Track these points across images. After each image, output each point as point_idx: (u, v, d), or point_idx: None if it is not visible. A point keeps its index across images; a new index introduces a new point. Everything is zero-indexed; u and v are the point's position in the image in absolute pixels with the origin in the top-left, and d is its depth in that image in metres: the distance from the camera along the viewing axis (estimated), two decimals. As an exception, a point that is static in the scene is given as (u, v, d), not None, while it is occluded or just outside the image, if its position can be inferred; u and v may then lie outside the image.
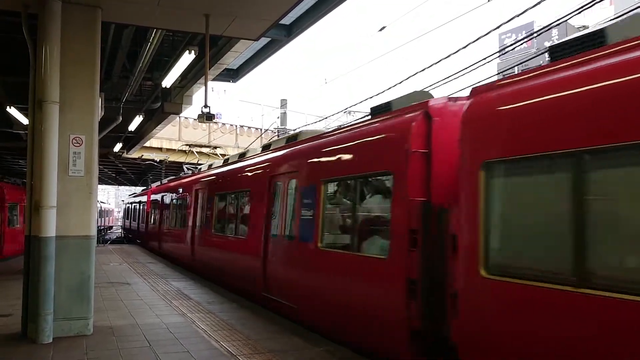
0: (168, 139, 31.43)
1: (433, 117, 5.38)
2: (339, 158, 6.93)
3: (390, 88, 11.98)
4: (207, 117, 8.71)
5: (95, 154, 6.99)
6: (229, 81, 17.69)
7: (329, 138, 7.54)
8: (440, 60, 10.59)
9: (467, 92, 5.21)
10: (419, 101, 5.75)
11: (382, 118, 6.32)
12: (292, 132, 9.63)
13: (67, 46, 6.75)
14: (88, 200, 6.88)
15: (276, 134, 25.26)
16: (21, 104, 13.84)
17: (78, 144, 6.83)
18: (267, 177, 9.15)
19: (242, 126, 36.27)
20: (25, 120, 14.67)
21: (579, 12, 8.57)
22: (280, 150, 9.32)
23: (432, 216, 5.09)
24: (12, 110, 14.69)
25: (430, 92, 6.82)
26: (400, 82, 11.88)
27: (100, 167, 34.69)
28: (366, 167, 6.25)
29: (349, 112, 22.37)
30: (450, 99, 5.62)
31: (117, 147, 24.15)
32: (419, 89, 6.50)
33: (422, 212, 5.12)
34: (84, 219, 6.85)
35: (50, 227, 6.48)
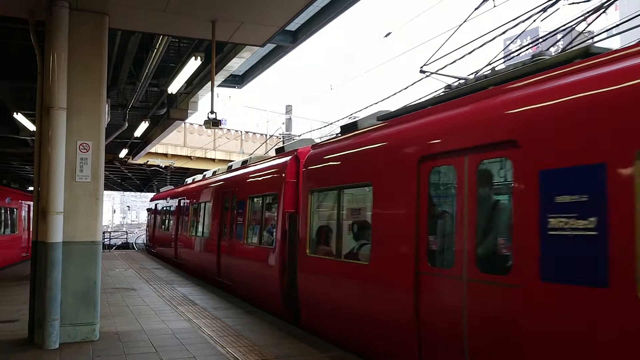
0: (173, 144, 31.54)
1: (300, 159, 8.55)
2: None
3: (395, 94, 11.99)
4: (213, 123, 8.73)
5: (102, 160, 7.01)
6: (235, 87, 17.80)
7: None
8: (445, 67, 10.57)
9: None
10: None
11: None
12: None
13: (74, 53, 6.78)
14: (95, 206, 6.90)
15: (281, 139, 25.26)
16: (28, 110, 13.93)
17: (85, 150, 6.85)
18: None
19: (247, 132, 36.41)
20: (32, 127, 14.75)
21: (584, 19, 8.56)
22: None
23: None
24: (19, 117, 14.78)
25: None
26: (405, 88, 11.87)
27: (106, 172, 34.57)
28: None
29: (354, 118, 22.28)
30: (312, 146, 8.50)
31: (123, 153, 24.25)
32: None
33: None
34: (91, 225, 6.87)
35: (57, 232, 6.50)
